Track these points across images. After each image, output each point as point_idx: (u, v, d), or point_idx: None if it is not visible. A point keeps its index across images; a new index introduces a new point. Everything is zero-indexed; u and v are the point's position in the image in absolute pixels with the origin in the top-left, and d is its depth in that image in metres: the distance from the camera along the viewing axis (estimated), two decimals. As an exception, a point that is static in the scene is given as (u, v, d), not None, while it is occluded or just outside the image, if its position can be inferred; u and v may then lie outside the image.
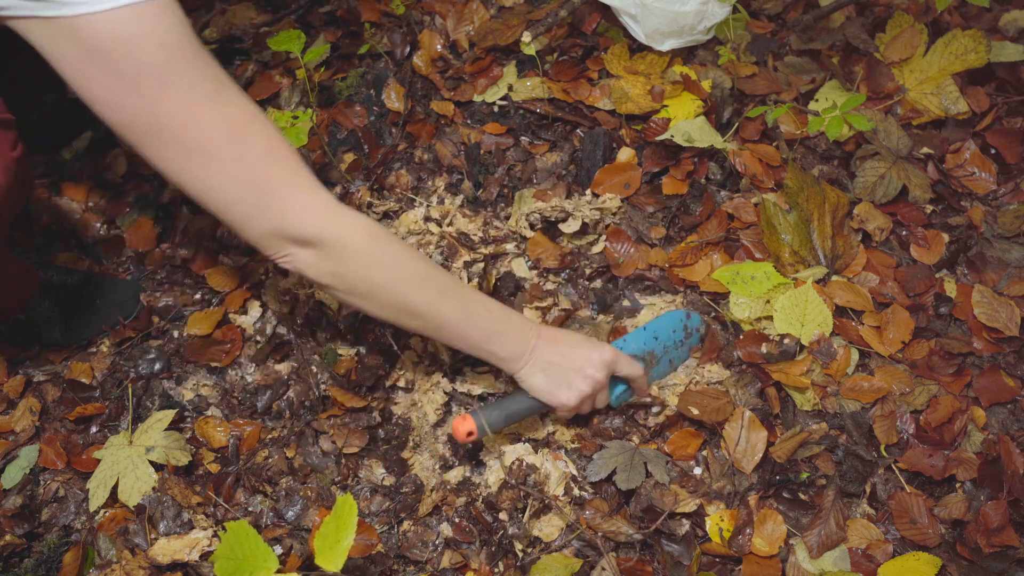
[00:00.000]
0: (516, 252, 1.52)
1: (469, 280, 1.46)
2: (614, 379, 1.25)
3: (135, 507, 1.30)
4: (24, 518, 1.31)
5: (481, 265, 1.48)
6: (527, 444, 1.34)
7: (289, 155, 1.03)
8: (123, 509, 1.31)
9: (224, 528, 1.03)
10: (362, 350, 1.44)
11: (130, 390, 1.42)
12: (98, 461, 1.34)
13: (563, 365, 1.18)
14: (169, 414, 1.37)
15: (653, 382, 1.35)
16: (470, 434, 1.20)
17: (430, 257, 1.50)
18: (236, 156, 0.99)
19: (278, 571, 1.00)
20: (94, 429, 1.40)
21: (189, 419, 1.41)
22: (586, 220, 1.51)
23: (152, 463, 1.32)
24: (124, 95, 0.94)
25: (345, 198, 1.59)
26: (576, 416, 1.34)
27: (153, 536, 1.28)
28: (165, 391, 1.44)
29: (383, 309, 1.11)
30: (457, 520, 1.29)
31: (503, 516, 1.28)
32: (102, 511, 1.32)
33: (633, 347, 1.30)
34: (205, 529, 1.27)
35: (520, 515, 1.28)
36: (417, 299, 1.11)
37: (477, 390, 1.38)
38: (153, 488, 1.31)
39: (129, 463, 1.33)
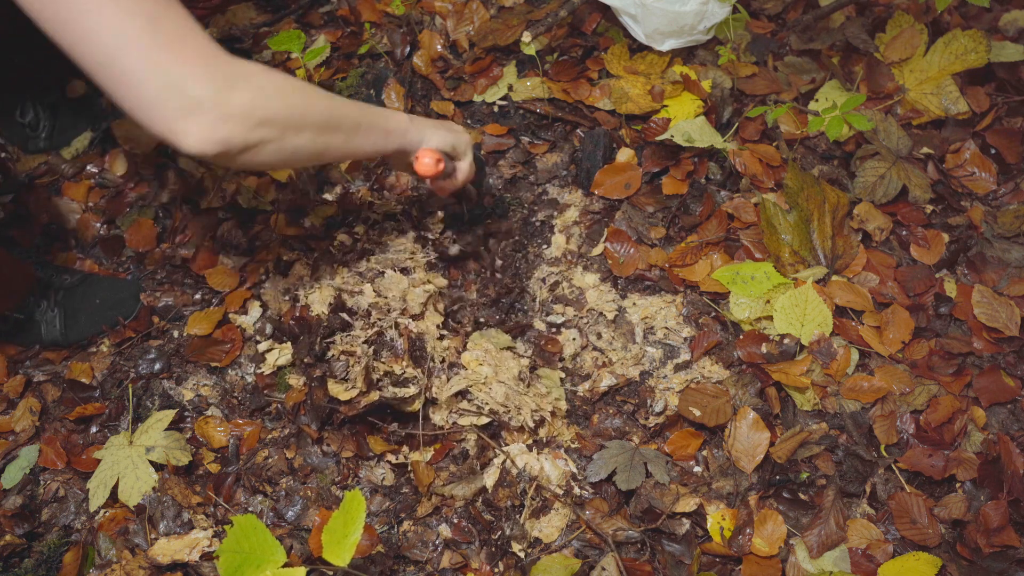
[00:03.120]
0: None
1: None
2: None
3: (135, 507, 1.30)
4: (24, 518, 1.31)
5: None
6: (524, 444, 1.34)
7: (185, 10, 0.91)
8: (123, 509, 1.31)
9: (225, 528, 1.03)
10: (313, 384, 1.38)
11: (130, 390, 1.42)
12: (98, 461, 1.34)
13: (435, 120, 1.28)
14: (169, 414, 1.37)
15: None
16: (439, 161, 1.22)
17: None
18: None
19: (284, 565, 1.00)
20: (94, 429, 1.40)
21: (189, 419, 1.41)
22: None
23: (152, 463, 1.32)
24: None
25: (346, 198, 1.59)
26: (573, 415, 1.34)
27: (153, 536, 1.28)
28: (165, 391, 1.44)
29: (315, 136, 1.01)
30: (456, 520, 1.29)
31: (502, 516, 1.28)
32: (102, 511, 1.32)
33: None
34: (205, 529, 1.27)
35: (518, 515, 1.28)
36: (331, 106, 1.04)
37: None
38: (153, 488, 1.31)
39: (129, 463, 1.33)
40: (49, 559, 1.29)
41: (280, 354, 1.41)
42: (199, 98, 0.87)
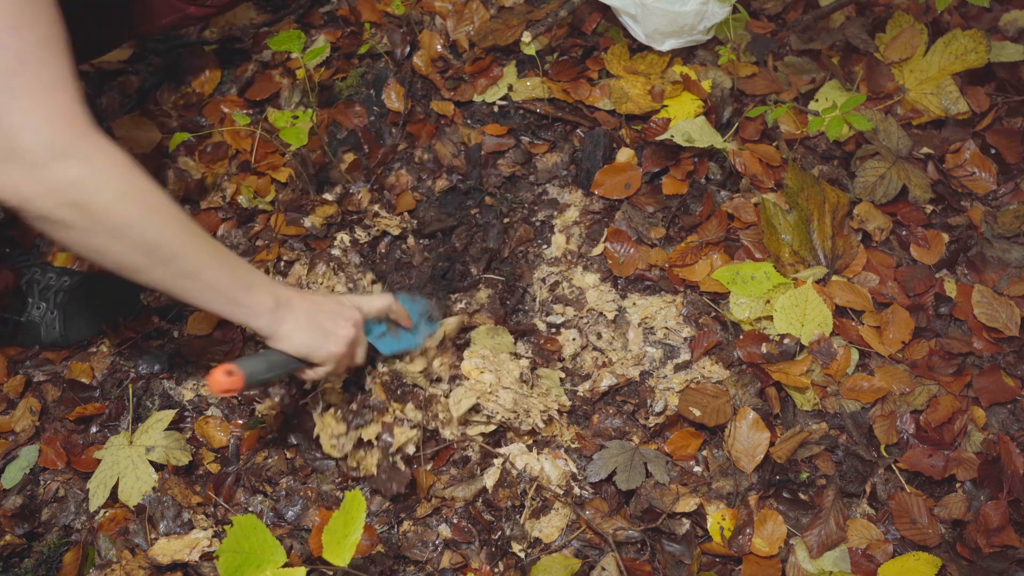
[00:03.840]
0: None
1: None
2: (371, 325, 1.23)
3: (135, 507, 1.30)
4: (24, 518, 1.31)
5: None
6: (524, 445, 1.34)
7: (67, 57, 0.85)
8: (123, 509, 1.31)
9: (225, 528, 1.02)
10: (295, 440, 1.36)
11: (130, 390, 1.42)
12: (98, 461, 1.34)
13: (322, 311, 1.12)
14: (169, 414, 1.37)
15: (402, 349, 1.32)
16: (229, 391, 1.06)
17: None
18: (9, 23, 0.80)
19: (284, 565, 1.00)
20: (94, 429, 1.40)
21: (189, 419, 1.41)
22: None
23: (152, 463, 1.32)
24: None
25: (345, 198, 1.59)
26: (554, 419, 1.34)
27: (153, 536, 1.28)
28: (165, 391, 1.44)
29: (129, 251, 0.92)
30: (456, 520, 1.29)
31: (502, 517, 1.28)
32: (102, 511, 1.32)
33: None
34: (205, 529, 1.27)
35: (518, 515, 1.28)
36: (173, 239, 0.94)
37: None
38: (153, 488, 1.31)
39: (129, 463, 1.33)
40: (49, 559, 1.29)
41: (280, 354, 1.41)
42: (23, 150, 0.81)
